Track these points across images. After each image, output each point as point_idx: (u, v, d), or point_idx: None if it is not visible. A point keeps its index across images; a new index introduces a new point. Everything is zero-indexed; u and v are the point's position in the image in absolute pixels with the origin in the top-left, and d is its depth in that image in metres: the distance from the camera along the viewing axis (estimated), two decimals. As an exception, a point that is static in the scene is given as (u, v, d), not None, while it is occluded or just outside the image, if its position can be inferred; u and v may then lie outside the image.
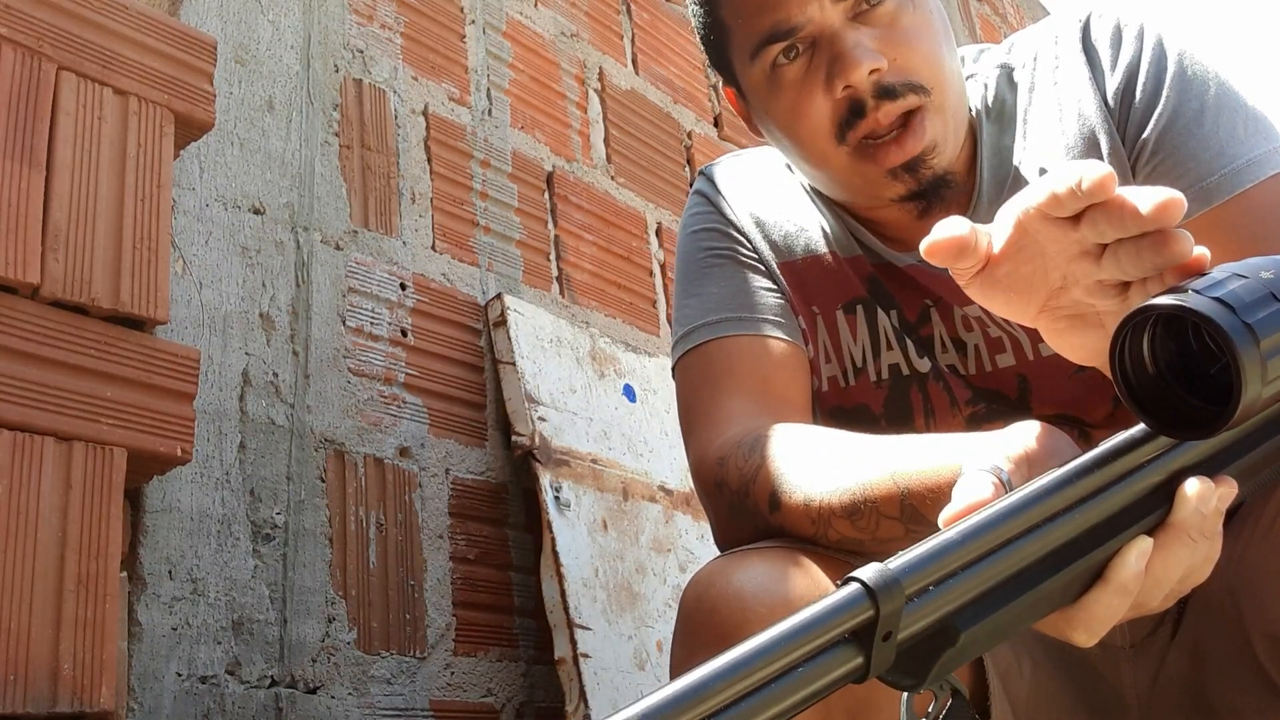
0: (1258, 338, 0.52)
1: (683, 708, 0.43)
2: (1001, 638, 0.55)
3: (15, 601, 0.95)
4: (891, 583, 0.48)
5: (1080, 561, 0.58)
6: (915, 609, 0.51)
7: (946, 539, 0.53)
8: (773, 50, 0.95)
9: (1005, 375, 1.00)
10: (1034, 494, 0.56)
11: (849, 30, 0.93)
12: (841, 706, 0.77)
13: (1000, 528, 0.55)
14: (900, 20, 0.94)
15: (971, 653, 0.53)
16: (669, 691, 0.43)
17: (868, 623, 0.48)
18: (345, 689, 1.38)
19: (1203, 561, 0.63)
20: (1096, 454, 0.59)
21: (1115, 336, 0.57)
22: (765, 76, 0.98)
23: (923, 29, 0.94)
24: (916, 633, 0.51)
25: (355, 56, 1.73)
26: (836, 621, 0.47)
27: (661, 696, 0.43)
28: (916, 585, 0.51)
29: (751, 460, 0.93)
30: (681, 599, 0.85)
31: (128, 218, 1.13)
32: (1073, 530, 0.57)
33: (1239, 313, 0.52)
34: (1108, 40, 0.99)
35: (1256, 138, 0.92)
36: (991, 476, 0.63)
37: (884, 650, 0.49)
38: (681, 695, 0.43)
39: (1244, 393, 0.52)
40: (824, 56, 0.93)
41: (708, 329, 1.06)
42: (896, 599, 0.48)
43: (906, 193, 0.96)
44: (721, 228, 1.12)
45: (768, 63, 0.96)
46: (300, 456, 1.43)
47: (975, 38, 3.74)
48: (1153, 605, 0.63)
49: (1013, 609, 0.55)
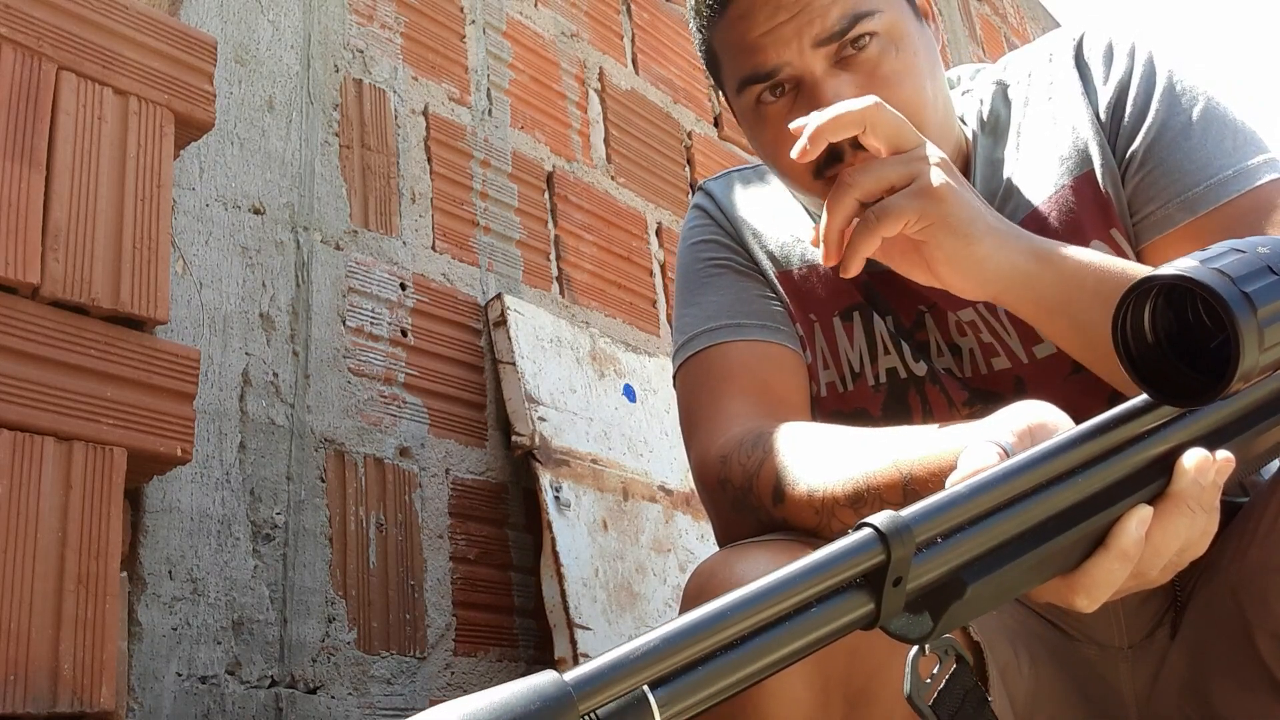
0: (1255, 306, 0.53)
1: (697, 637, 0.43)
2: (1006, 597, 0.57)
3: (15, 601, 0.94)
4: (903, 528, 0.50)
5: (1083, 524, 0.60)
6: (924, 560, 0.52)
7: (956, 493, 0.54)
8: (755, 89, 0.97)
9: (1001, 377, 1.01)
10: (1039, 454, 0.58)
11: (830, 79, 0.94)
12: (841, 694, 0.78)
13: (1007, 485, 0.56)
14: (882, 67, 0.94)
15: (979, 608, 0.55)
16: (685, 621, 0.44)
17: (879, 566, 0.49)
18: (345, 689, 1.38)
19: (1200, 534, 0.64)
20: (1099, 421, 0.60)
21: (1118, 308, 0.58)
22: (750, 109, 1.00)
23: (905, 75, 0.95)
24: (925, 584, 0.52)
25: (355, 56, 1.73)
26: (849, 563, 0.48)
27: (678, 625, 0.43)
28: (926, 534, 0.52)
29: (754, 455, 0.93)
30: (684, 590, 0.85)
31: (128, 218, 1.13)
32: (1077, 494, 0.59)
33: (1237, 282, 0.54)
34: (1100, 57, 1.01)
35: (1243, 150, 0.94)
36: (995, 446, 0.65)
37: (894, 596, 0.50)
38: (696, 625, 0.44)
39: (1242, 359, 0.53)
40: (805, 101, 0.94)
41: (707, 335, 1.08)
42: (907, 545, 0.50)
43: None
44: (720, 239, 1.14)
45: (752, 98, 0.98)
46: (300, 456, 1.43)
47: (975, 38, 3.74)
48: (1152, 575, 0.65)
49: (1018, 566, 0.56)
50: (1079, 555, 0.61)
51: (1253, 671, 0.85)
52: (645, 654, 0.42)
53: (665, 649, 0.42)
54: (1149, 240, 0.95)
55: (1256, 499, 0.89)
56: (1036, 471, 0.57)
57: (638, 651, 0.42)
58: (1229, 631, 0.87)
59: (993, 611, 0.78)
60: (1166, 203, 0.94)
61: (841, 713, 0.78)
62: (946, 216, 0.81)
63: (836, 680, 0.77)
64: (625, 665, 0.41)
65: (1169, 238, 0.94)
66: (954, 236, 0.82)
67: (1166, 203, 0.94)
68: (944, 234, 0.82)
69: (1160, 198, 0.94)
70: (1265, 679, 0.84)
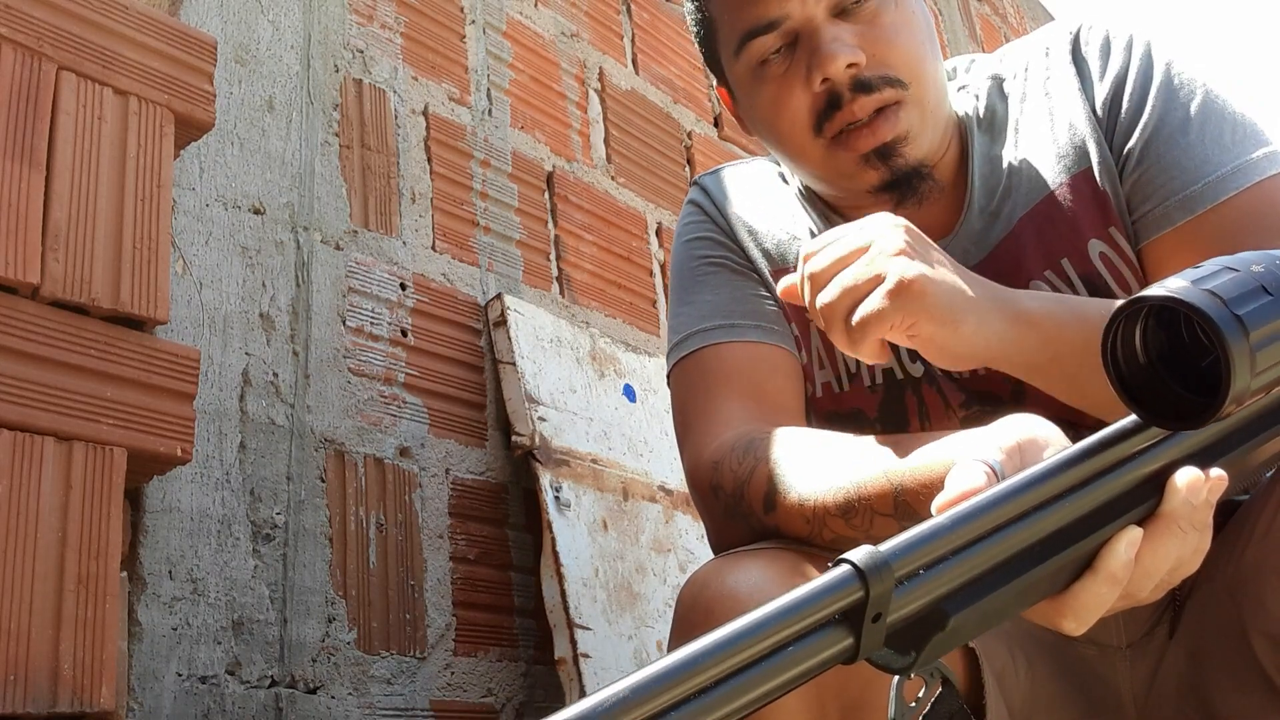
0: (1247, 330, 0.52)
1: (672, 682, 0.43)
2: (991, 624, 0.56)
3: (15, 601, 0.95)
4: (882, 564, 0.49)
5: (1070, 550, 0.58)
6: (905, 592, 0.51)
7: (937, 524, 0.53)
8: (755, 44, 0.98)
9: (997, 379, 1.00)
10: (1025, 481, 0.57)
11: (829, 26, 0.95)
12: (836, 705, 0.77)
13: (991, 513, 0.55)
14: (881, 17, 0.96)
15: (961, 638, 0.54)
16: (659, 666, 0.43)
17: (857, 603, 0.48)
18: (345, 689, 1.38)
19: (1192, 553, 0.63)
20: (1088, 444, 0.59)
21: (1108, 327, 0.57)
22: (749, 71, 1.00)
23: (903, 27, 0.96)
24: (906, 616, 0.51)
25: (355, 56, 1.73)
26: (826, 601, 0.48)
27: (652, 671, 0.43)
28: (907, 568, 0.51)
29: (746, 463, 0.93)
30: (677, 600, 0.85)
31: (128, 218, 1.13)
32: (1063, 518, 0.58)
33: (1229, 305, 0.52)
34: (1097, 51, 1.00)
35: (1243, 144, 0.92)
36: (984, 465, 0.64)
37: (873, 632, 0.49)
38: (671, 670, 0.43)
39: (1233, 384, 0.52)
40: (804, 51, 0.96)
41: (701, 335, 1.07)
42: (886, 581, 0.49)
43: (880, 182, 0.97)
44: (715, 236, 1.13)
45: (751, 57, 0.99)
46: (300, 456, 1.44)
47: (975, 38, 3.74)
48: (1142, 596, 0.63)
49: (1002, 595, 0.55)
50: (1067, 578, 0.60)
51: (1249, 672, 0.85)
52: (616, 704, 0.41)
53: (635, 699, 0.41)
54: (1148, 239, 0.94)
55: (1254, 499, 0.88)
56: (1023, 498, 0.56)
57: (608, 702, 0.41)
58: (1226, 632, 0.87)
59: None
60: (1164, 201, 0.93)
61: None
62: (928, 309, 0.79)
63: (831, 691, 0.77)
64: (594, 717, 0.40)
65: (1168, 236, 0.93)
66: (938, 325, 0.80)
67: (1164, 201, 0.93)
68: (928, 326, 0.80)
69: (1158, 196, 0.93)
70: (1261, 680, 0.84)
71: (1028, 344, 0.84)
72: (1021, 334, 0.84)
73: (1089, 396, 0.86)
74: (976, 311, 0.82)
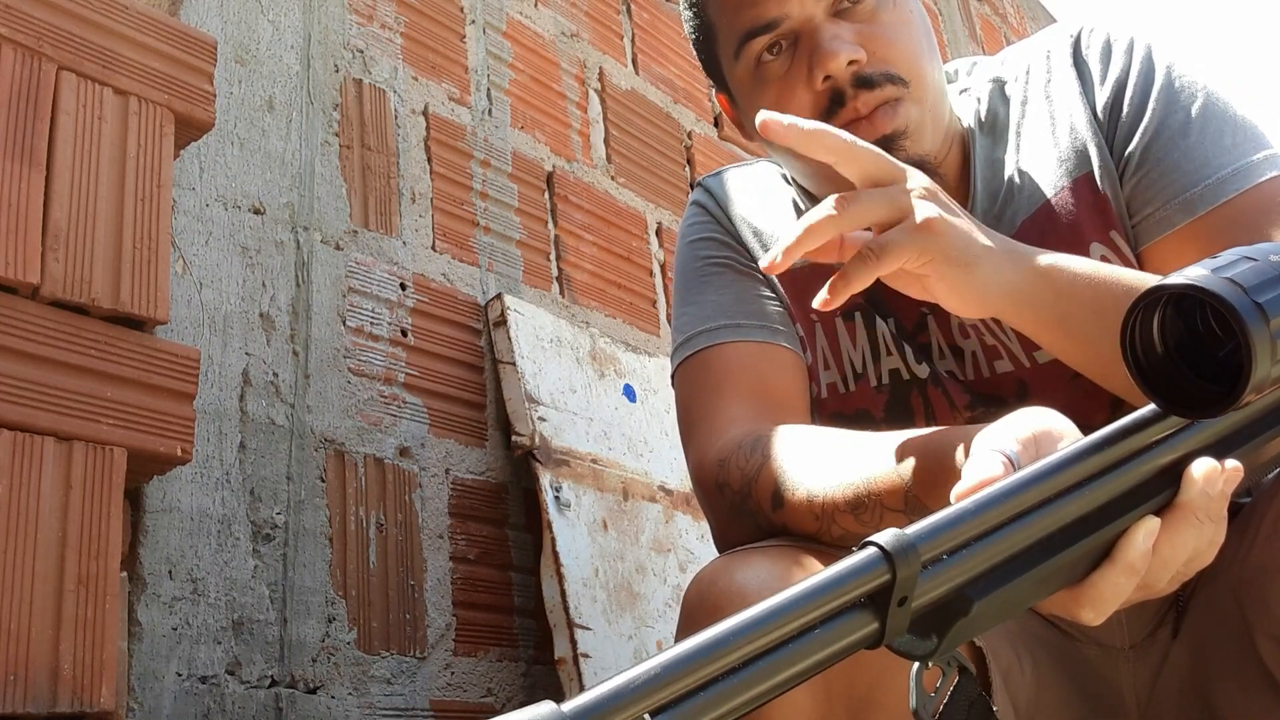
0: (1268, 317, 0.52)
1: (702, 661, 0.43)
2: (1011, 613, 0.56)
3: (15, 601, 0.94)
4: (908, 547, 0.49)
5: (1090, 538, 0.59)
6: (930, 577, 0.51)
7: (961, 509, 0.53)
8: (755, 45, 0.98)
9: (1004, 380, 1.00)
10: (1046, 468, 0.57)
11: (829, 24, 0.95)
12: (843, 702, 0.77)
13: (1013, 500, 0.55)
14: (880, 16, 0.96)
15: (983, 624, 0.54)
16: (689, 646, 0.43)
17: (884, 586, 0.48)
18: (345, 689, 1.38)
19: (1208, 544, 0.64)
20: (1106, 433, 0.60)
21: (1126, 316, 0.57)
22: (750, 73, 1.00)
23: (902, 25, 0.97)
24: (930, 601, 0.52)
25: (355, 56, 1.73)
26: (853, 584, 0.48)
27: (682, 650, 0.43)
28: (932, 552, 0.51)
29: (753, 459, 0.93)
30: (684, 597, 0.85)
31: (128, 218, 1.13)
32: (1083, 507, 0.58)
33: (1249, 292, 0.53)
34: (1098, 54, 1.00)
35: (1244, 146, 0.93)
36: (1001, 455, 0.64)
37: (899, 616, 0.49)
38: (700, 650, 0.43)
39: (1254, 371, 0.52)
40: (804, 50, 0.96)
41: (706, 335, 1.07)
42: (913, 564, 0.49)
43: None
44: (719, 237, 1.13)
45: (751, 59, 0.99)
46: (300, 456, 1.43)
47: (975, 38, 3.74)
48: (1159, 586, 0.64)
49: (1024, 582, 0.55)
50: (1085, 568, 0.60)
51: (1253, 673, 0.85)
52: (646, 682, 0.41)
53: (666, 676, 0.41)
54: (1148, 242, 0.94)
55: (1258, 500, 0.88)
56: (1043, 485, 0.56)
57: (638, 680, 0.41)
58: (1230, 632, 0.87)
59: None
60: (1165, 204, 0.93)
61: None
62: (945, 250, 0.80)
63: (839, 688, 0.77)
64: (625, 695, 0.40)
65: (1168, 239, 0.93)
66: (954, 266, 0.81)
67: (1165, 204, 0.93)
68: (944, 266, 0.81)
69: (1158, 199, 0.93)
70: (1265, 680, 0.84)
71: (1040, 296, 0.85)
72: (1035, 285, 0.84)
73: (1095, 360, 0.86)
74: (991, 258, 0.83)
